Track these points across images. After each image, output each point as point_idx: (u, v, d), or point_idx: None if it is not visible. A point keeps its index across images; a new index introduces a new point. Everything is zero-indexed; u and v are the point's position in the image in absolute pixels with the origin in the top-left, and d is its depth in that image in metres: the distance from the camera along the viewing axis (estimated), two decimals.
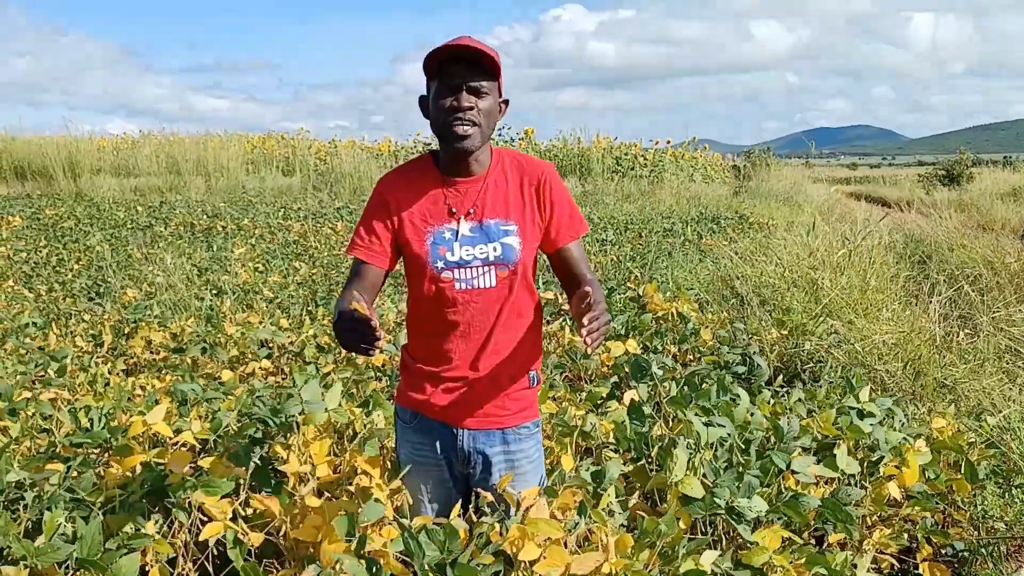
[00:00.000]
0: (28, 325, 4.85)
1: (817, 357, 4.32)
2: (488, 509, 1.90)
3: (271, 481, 2.18)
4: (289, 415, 2.29)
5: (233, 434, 2.46)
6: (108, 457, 2.34)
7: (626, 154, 21.85)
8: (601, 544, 1.75)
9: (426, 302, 1.88)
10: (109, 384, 3.45)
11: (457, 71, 1.76)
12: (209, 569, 1.94)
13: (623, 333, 4.34)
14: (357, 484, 2.26)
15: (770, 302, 5.56)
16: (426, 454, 1.97)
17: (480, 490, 1.94)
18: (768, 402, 3.06)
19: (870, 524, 2.55)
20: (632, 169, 21.33)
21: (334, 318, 1.65)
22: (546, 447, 2.33)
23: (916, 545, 2.53)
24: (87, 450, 2.43)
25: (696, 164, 23.59)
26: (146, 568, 1.83)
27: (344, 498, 2.25)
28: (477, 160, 1.86)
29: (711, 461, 2.20)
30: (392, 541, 1.73)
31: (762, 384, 3.76)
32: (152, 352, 4.36)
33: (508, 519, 1.81)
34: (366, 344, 1.55)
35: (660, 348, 4.26)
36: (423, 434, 1.96)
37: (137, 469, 2.22)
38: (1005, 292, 6.01)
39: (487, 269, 1.85)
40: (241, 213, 13.03)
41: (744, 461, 2.36)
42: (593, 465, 2.33)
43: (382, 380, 3.69)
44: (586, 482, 2.15)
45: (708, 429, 2.35)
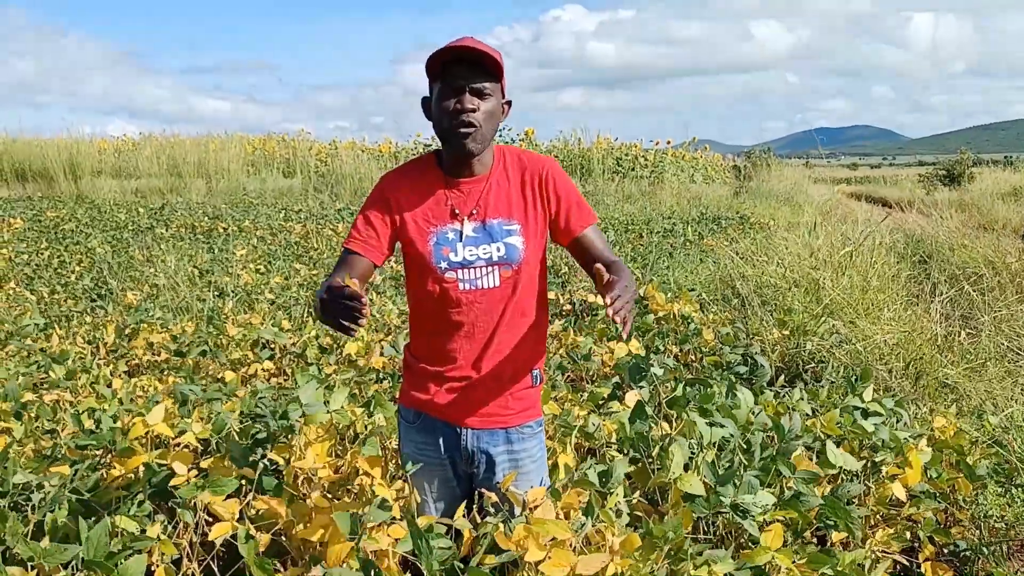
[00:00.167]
0: (30, 327, 4.86)
1: (819, 357, 4.32)
2: (492, 509, 1.90)
3: (273, 482, 2.18)
4: (291, 418, 2.29)
5: (236, 435, 2.46)
6: (111, 459, 2.34)
7: (626, 155, 21.86)
8: (608, 545, 1.75)
9: (429, 302, 1.88)
10: (112, 386, 3.45)
11: (460, 73, 1.74)
12: (215, 569, 1.95)
13: None
14: (359, 484, 2.26)
15: (771, 302, 5.56)
16: (430, 454, 1.97)
17: (484, 490, 1.93)
18: (768, 403, 3.06)
19: (873, 523, 2.56)
20: (633, 170, 21.34)
21: (320, 292, 1.60)
22: (548, 448, 2.33)
23: (919, 544, 2.53)
24: (91, 452, 2.44)
25: (697, 165, 23.61)
26: (152, 568, 1.84)
27: (346, 499, 2.26)
28: (480, 160, 1.85)
29: (712, 463, 2.19)
30: (400, 541, 1.73)
31: (764, 384, 3.76)
32: (154, 354, 4.37)
33: (512, 519, 1.81)
34: (349, 321, 1.50)
35: (662, 348, 4.27)
36: (426, 434, 1.96)
37: (140, 470, 2.22)
38: (1006, 292, 6.01)
39: (491, 269, 1.85)
40: (242, 215, 13.04)
41: (746, 460, 2.36)
42: (597, 465, 2.33)
43: (384, 381, 3.70)
44: (592, 483, 2.15)
45: (711, 429, 2.35)
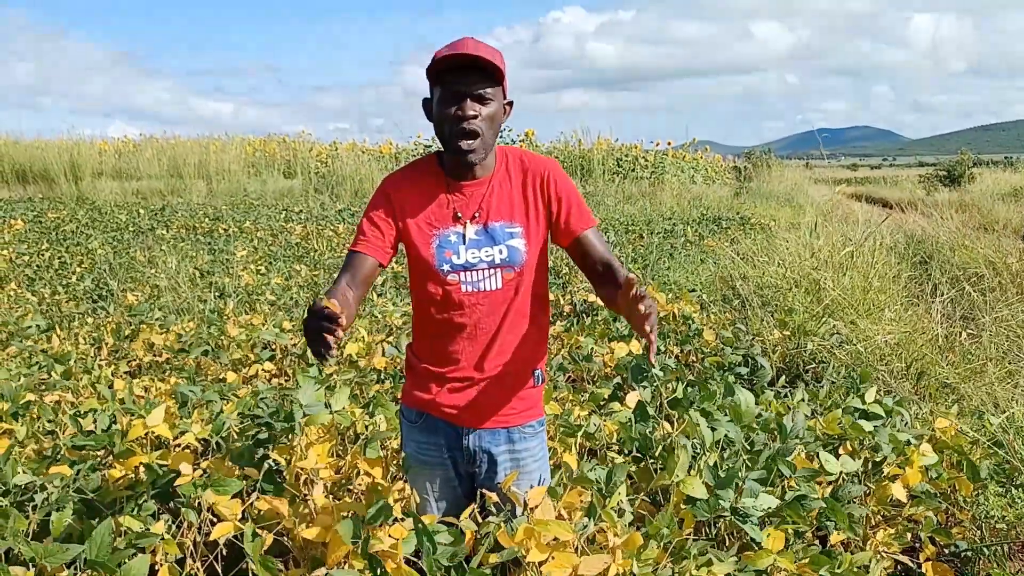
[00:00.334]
0: (31, 328, 4.86)
1: (820, 358, 4.32)
2: (494, 509, 1.90)
3: (275, 482, 2.18)
4: (292, 419, 2.29)
5: (237, 435, 2.47)
6: (112, 459, 2.35)
7: (627, 156, 21.87)
8: (609, 546, 1.75)
9: (432, 304, 1.89)
10: (113, 387, 3.45)
11: (460, 78, 1.72)
12: (218, 569, 1.95)
13: (626, 334, 4.34)
14: (360, 485, 2.26)
15: (772, 303, 5.56)
16: (432, 453, 1.97)
17: (485, 491, 1.94)
18: (770, 402, 3.07)
19: (874, 524, 2.56)
20: (633, 171, 21.35)
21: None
22: (550, 448, 2.34)
23: (919, 545, 2.53)
24: (90, 452, 2.44)
25: (697, 165, 23.61)
26: (155, 568, 1.84)
27: (347, 499, 2.26)
28: (482, 163, 1.84)
29: (713, 467, 2.19)
30: (403, 540, 1.73)
31: (765, 385, 3.77)
32: (155, 355, 4.37)
33: (514, 518, 1.81)
34: (322, 345, 1.44)
35: (663, 349, 4.27)
36: (428, 433, 1.97)
37: (140, 470, 2.22)
38: (1007, 292, 6.01)
39: (493, 272, 1.85)
40: (243, 216, 13.05)
41: (749, 461, 2.36)
42: (598, 466, 2.33)
43: (385, 382, 3.70)
44: (593, 482, 2.15)
45: (712, 433, 2.35)
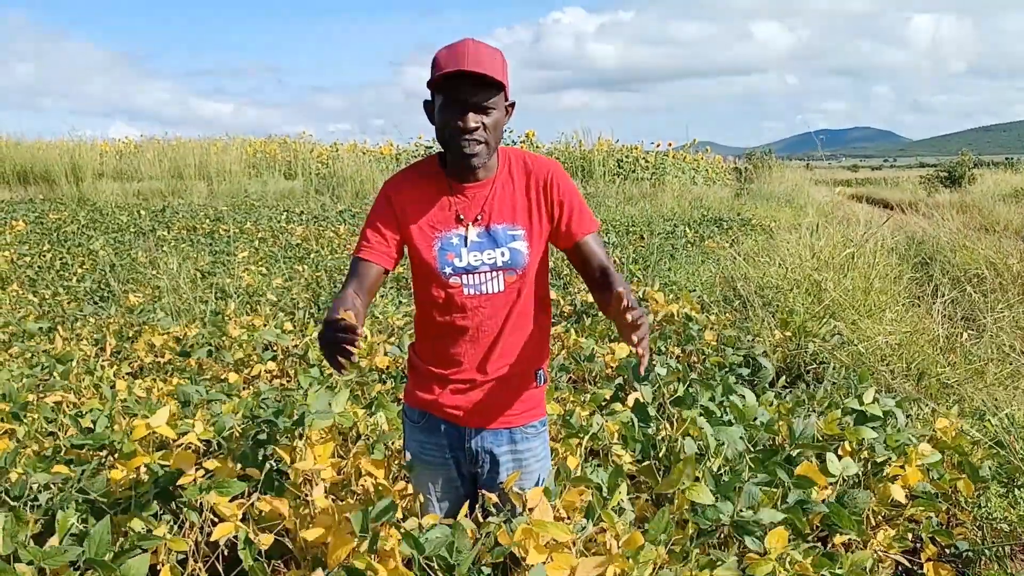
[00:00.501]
0: (33, 329, 4.87)
1: (820, 358, 4.32)
2: (494, 509, 1.90)
3: (276, 482, 2.19)
4: (295, 420, 2.29)
5: (239, 436, 2.47)
6: (115, 459, 2.35)
7: (627, 156, 21.87)
8: (607, 547, 1.75)
9: (434, 307, 1.89)
10: (115, 387, 3.46)
11: (462, 88, 1.70)
12: (219, 569, 1.95)
13: None
14: (362, 485, 2.26)
15: (773, 303, 5.56)
16: (434, 454, 1.98)
17: (484, 491, 1.94)
18: (771, 403, 3.06)
19: (875, 524, 2.56)
20: (634, 171, 21.35)
21: (322, 327, 1.56)
22: (552, 448, 2.34)
23: (920, 545, 2.53)
24: (90, 452, 2.44)
25: (697, 166, 23.61)
26: (157, 568, 1.84)
27: (349, 500, 2.26)
28: (484, 166, 1.84)
29: (716, 472, 2.18)
30: (400, 543, 1.74)
31: (766, 385, 3.77)
32: (157, 355, 4.38)
33: (515, 518, 1.82)
34: (341, 355, 1.48)
35: (664, 350, 4.27)
36: (431, 434, 1.97)
37: (142, 470, 2.23)
38: (1008, 293, 6.01)
39: (495, 274, 1.85)
40: (244, 217, 13.05)
41: (751, 462, 2.35)
42: (599, 466, 2.33)
43: (387, 383, 3.70)
44: (593, 482, 2.15)
45: (715, 442, 2.34)
